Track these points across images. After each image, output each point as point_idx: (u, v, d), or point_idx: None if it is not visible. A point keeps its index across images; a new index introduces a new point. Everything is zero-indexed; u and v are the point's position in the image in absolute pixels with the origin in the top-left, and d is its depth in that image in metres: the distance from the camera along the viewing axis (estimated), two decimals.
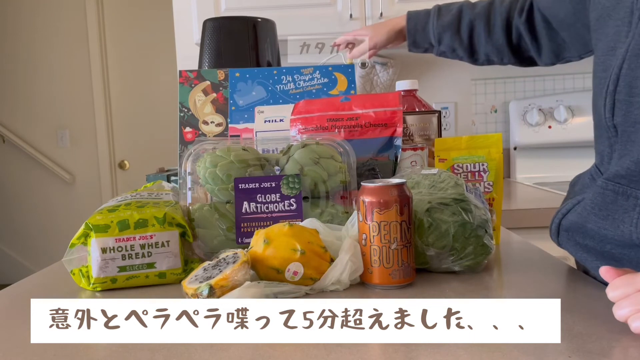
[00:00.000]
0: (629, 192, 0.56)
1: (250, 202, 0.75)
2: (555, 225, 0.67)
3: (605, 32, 0.62)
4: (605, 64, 0.61)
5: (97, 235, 0.67)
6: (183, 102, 1.03)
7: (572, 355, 0.45)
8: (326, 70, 1.07)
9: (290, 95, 1.05)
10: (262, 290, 0.60)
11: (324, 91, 1.06)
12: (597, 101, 0.63)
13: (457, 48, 1.05)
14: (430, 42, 1.08)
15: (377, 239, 0.63)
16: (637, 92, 0.55)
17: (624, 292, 0.47)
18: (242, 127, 1.02)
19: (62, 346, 0.51)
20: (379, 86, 1.93)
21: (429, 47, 1.09)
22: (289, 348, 0.48)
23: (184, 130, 1.02)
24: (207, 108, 1.03)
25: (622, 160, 0.57)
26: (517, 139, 1.95)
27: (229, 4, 1.67)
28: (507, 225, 1.35)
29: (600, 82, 0.61)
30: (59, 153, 3.64)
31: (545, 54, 0.99)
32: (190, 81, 1.04)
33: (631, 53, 0.55)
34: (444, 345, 0.47)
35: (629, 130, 0.56)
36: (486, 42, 1.03)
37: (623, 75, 0.56)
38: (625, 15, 0.58)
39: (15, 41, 3.57)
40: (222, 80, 1.05)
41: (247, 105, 1.04)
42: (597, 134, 0.65)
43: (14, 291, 0.71)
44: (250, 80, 1.04)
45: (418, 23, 1.08)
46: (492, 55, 1.04)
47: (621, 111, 0.57)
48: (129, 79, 3.61)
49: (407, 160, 0.90)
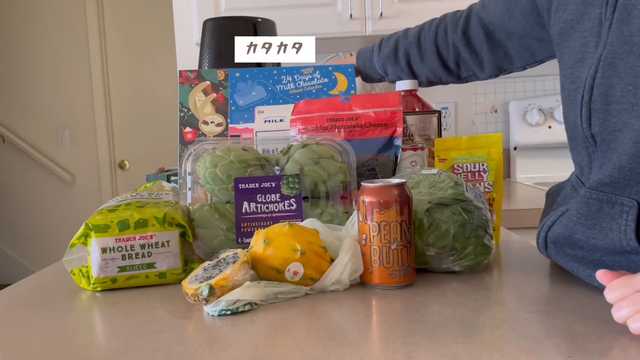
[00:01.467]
0: (614, 199, 0.56)
1: (250, 202, 0.75)
2: (542, 238, 0.67)
3: (570, 44, 0.62)
4: (573, 76, 0.61)
5: (97, 235, 0.67)
6: (183, 102, 1.03)
7: (572, 355, 0.45)
8: (326, 70, 1.07)
9: (290, 95, 1.05)
10: (262, 290, 0.60)
11: (324, 91, 1.06)
12: (569, 113, 0.62)
13: (402, 75, 1.12)
14: (379, 74, 1.15)
15: (377, 239, 0.63)
16: (613, 100, 0.55)
17: (622, 294, 0.47)
18: (242, 127, 1.02)
19: (62, 346, 0.51)
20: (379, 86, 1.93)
21: (381, 78, 1.16)
22: (289, 348, 0.48)
23: (184, 131, 1.02)
24: (207, 108, 1.03)
25: (603, 169, 0.57)
26: (517, 139, 1.95)
27: (229, 4, 1.67)
28: (507, 225, 1.35)
29: (570, 94, 0.61)
30: (59, 153, 3.64)
31: (487, 67, 1.01)
32: (190, 81, 1.04)
33: (604, 62, 0.55)
34: (444, 345, 0.47)
35: (608, 139, 0.56)
36: (422, 67, 1.08)
37: (597, 84, 0.56)
38: (592, 27, 0.58)
39: (16, 41, 3.57)
40: (222, 80, 1.05)
41: (247, 105, 1.04)
42: (573, 146, 0.65)
43: (14, 291, 0.71)
44: (250, 81, 1.04)
45: (366, 59, 1.15)
46: (431, 77, 1.10)
47: (598, 120, 0.57)
48: (129, 79, 3.61)
49: (407, 160, 0.90)
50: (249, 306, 0.58)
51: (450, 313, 0.55)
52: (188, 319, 0.57)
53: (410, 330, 0.51)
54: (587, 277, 0.61)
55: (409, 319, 0.54)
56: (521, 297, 0.59)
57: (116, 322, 0.57)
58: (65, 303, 0.65)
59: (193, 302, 0.60)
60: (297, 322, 0.55)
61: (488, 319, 0.53)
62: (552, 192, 0.76)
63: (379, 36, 1.67)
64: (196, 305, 0.61)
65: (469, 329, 0.51)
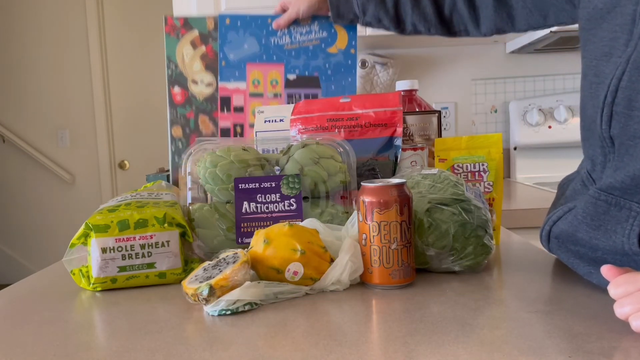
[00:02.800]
0: (622, 203, 0.55)
1: (250, 202, 0.75)
2: (546, 232, 0.66)
3: (598, 34, 0.60)
4: (598, 69, 0.59)
5: (97, 235, 0.67)
6: (170, 56, 0.95)
7: (572, 355, 0.45)
8: (326, 22, 0.98)
9: (285, 51, 0.98)
10: (262, 290, 0.60)
11: (321, 48, 0.99)
12: (589, 105, 0.61)
13: (383, 18, 1.00)
14: (355, 12, 1.02)
15: (377, 239, 0.63)
16: (637, 106, 0.54)
17: (626, 290, 0.47)
18: (232, 87, 0.95)
19: (62, 346, 0.51)
20: (379, 86, 1.93)
21: (354, 18, 1.04)
22: (289, 348, 0.48)
23: (172, 91, 0.95)
24: (197, 65, 0.96)
25: (617, 173, 0.56)
26: (517, 139, 1.95)
27: (229, 4, 1.67)
28: (507, 225, 1.35)
29: (592, 87, 0.60)
30: (59, 153, 3.64)
31: (485, 25, 0.94)
32: (177, 30, 0.96)
33: (632, 65, 0.54)
34: (444, 345, 0.47)
35: (627, 144, 0.55)
36: (412, 12, 0.97)
37: (622, 87, 0.55)
38: (624, 22, 0.56)
39: (16, 41, 3.57)
40: (211, 31, 0.97)
41: (238, 60, 0.96)
42: (587, 136, 0.63)
43: (14, 291, 0.71)
44: (242, 30, 0.96)
45: None
46: (419, 25, 0.99)
47: (619, 123, 0.56)
48: (129, 79, 3.61)
49: (407, 160, 0.90)
50: (249, 306, 0.58)
51: (450, 313, 0.55)
52: (188, 319, 0.57)
53: (410, 330, 0.51)
54: (587, 274, 0.61)
55: (409, 319, 0.54)
56: (521, 297, 0.59)
57: (116, 322, 0.57)
58: (65, 303, 0.65)
59: (193, 302, 0.60)
60: (297, 322, 0.55)
61: (488, 319, 0.53)
62: (562, 183, 0.74)
63: (378, 36, 1.67)
64: (196, 305, 0.61)
65: (469, 329, 0.51)
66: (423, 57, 2.02)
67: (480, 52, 2.02)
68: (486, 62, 2.03)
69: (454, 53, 2.02)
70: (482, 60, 2.03)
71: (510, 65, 2.03)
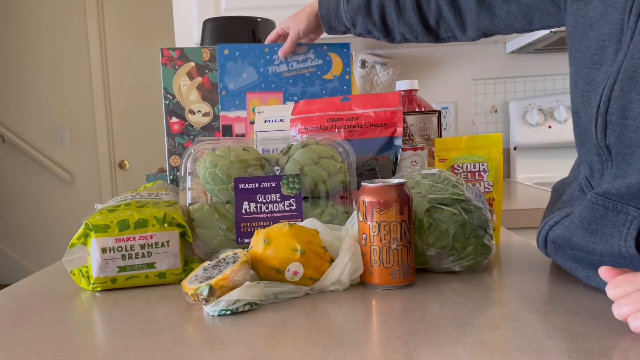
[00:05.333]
0: (620, 207, 0.55)
1: (250, 202, 0.75)
2: (542, 237, 0.66)
3: (585, 43, 0.61)
4: (589, 77, 0.59)
5: (97, 235, 0.67)
6: (167, 88, 0.97)
7: (572, 355, 0.45)
8: (321, 50, 1.01)
9: (283, 79, 1.00)
10: (262, 290, 0.60)
11: (317, 75, 1.01)
12: (582, 113, 0.61)
13: (372, 30, 1.01)
14: (345, 25, 1.03)
15: (377, 239, 0.63)
16: (631, 115, 0.54)
17: (625, 291, 0.47)
18: (233, 116, 0.97)
19: (62, 346, 0.51)
20: (379, 86, 1.93)
21: (346, 30, 1.05)
22: (289, 348, 0.48)
23: (170, 121, 0.97)
24: (193, 95, 0.98)
25: (616, 181, 0.57)
26: (517, 139, 1.95)
27: (229, 4, 1.67)
28: (507, 225, 1.35)
29: (584, 95, 0.60)
30: (59, 153, 3.64)
31: (470, 30, 0.93)
32: (173, 62, 0.98)
33: (623, 75, 0.54)
34: (444, 345, 0.47)
35: (624, 152, 0.56)
36: (398, 22, 0.98)
37: (615, 97, 0.55)
38: (612, 32, 0.56)
39: (16, 41, 3.57)
40: (207, 61, 0.99)
41: (238, 90, 0.98)
42: (582, 142, 0.63)
43: (14, 291, 0.71)
44: (241, 60, 0.99)
45: (330, 8, 1.02)
46: (407, 34, 0.99)
47: (614, 132, 0.56)
48: (129, 79, 3.61)
49: (407, 160, 0.90)
50: (249, 306, 0.58)
51: (450, 313, 0.55)
52: (188, 319, 0.57)
53: (410, 330, 0.51)
54: (586, 277, 0.61)
55: (409, 319, 0.54)
56: (521, 297, 0.59)
57: (116, 322, 0.57)
58: (65, 303, 0.65)
59: (193, 302, 0.60)
60: (297, 322, 0.55)
61: (488, 319, 0.53)
62: (557, 187, 0.75)
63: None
64: (196, 305, 0.61)
65: (469, 329, 0.51)
66: (423, 57, 2.02)
67: (480, 52, 2.02)
68: (486, 62, 2.03)
69: (454, 53, 2.02)
70: (482, 60, 2.02)
71: (510, 65, 2.03)
